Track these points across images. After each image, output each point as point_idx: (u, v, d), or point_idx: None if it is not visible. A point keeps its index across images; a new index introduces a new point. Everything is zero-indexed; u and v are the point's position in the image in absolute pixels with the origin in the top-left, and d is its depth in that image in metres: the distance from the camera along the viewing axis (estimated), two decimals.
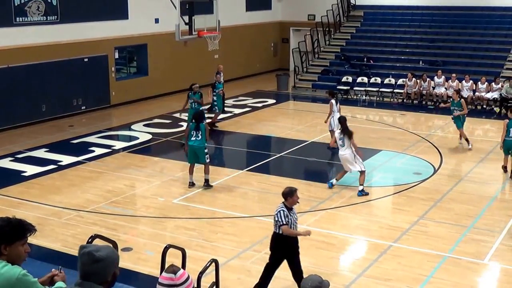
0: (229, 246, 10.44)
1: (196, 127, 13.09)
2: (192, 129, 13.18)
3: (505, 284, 9.43)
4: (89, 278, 3.64)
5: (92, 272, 3.63)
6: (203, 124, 13.16)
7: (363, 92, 24.25)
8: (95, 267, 3.62)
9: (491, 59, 24.10)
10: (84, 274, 3.65)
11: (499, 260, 10.07)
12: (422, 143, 17.37)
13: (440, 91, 22.63)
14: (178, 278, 4.28)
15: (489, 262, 9.96)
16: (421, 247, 10.38)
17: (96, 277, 3.65)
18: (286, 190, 8.49)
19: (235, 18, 27.17)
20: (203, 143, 13.07)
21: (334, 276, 9.27)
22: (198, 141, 13.02)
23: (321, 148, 17.23)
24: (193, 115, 13.90)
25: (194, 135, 13.07)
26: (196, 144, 13.05)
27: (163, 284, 4.27)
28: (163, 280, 4.29)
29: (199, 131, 13.03)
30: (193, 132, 13.09)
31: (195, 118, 13.36)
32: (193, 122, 13.33)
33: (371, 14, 29.12)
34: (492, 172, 14.99)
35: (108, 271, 3.67)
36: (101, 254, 3.64)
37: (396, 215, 12.07)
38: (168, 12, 20.09)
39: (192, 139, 13.09)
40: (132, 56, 24.42)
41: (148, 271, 9.16)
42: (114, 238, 8.19)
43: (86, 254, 3.64)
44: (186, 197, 12.94)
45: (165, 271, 4.36)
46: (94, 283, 3.63)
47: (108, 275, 3.68)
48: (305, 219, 11.65)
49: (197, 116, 13.40)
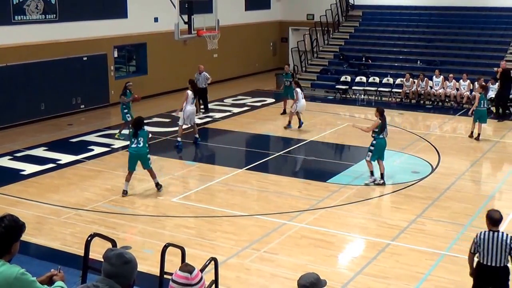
0: (228, 245, 10.48)
1: (134, 134, 12.68)
2: (131, 136, 12.81)
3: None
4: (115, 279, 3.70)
5: (119, 274, 3.70)
6: (144, 131, 12.74)
7: (362, 91, 24.30)
8: (124, 268, 3.70)
9: (488, 59, 24.16)
10: (110, 274, 3.70)
11: None
12: (420, 142, 17.43)
13: (438, 91, 22.70)
14: (193, 278, 4.29)
15: None
16: (419, 245, 10.43)
17: (122, 279, 3.72)
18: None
19: (234, 17, 27.19)
20: (145, 149, 12.74)
21: (332, 274, 9.31)
22: (140, 148, 12.66)
23: (320, 146, 17.30)
24: (132, 122, 13.56)
25: (134, 142, 12.66)
26: (138, 151, 12.66)
27: (178, 282, 4.28)
28: (178, 278, 4.29)
29: (140, 137, 12.64)
30: (133, 139, 12.68)
31: (134, 125, 12.94)
32: (132, 129, 12.92)
33: (369, 14, 29.16)
34: (489, 171, 15.05)
35: (133, 274, 3.77)
36: (129, 255, 3.74)
37: (394, 214, 12.12)
38: (168, 11, 20.17)
39: (133, 146, 12.68)
40: (131, 55, 24.45)
41: (147, 270, 9.19)
42: (113, 236, 8.23)
43: (116, 255, 3.71)
44: (185, 196, 12.99)
45: (180, 270, 4.37)
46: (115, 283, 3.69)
47: (132, 278, 3.75)
48: (304, 218, 11.71)
49: (135, 123, 12.99)
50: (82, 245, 7.43)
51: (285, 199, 12.68)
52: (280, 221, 11.51)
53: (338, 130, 18.94)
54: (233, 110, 21.88)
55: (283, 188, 13.62)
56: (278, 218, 11.62)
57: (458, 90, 22.47)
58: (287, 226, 11.32)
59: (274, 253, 10.19)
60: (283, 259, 9.93)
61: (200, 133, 17.65)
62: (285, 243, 10.54)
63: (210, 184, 13.87)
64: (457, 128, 19.76)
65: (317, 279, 4.62)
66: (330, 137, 18.23)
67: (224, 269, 9.16)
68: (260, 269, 9.60)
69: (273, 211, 12.02)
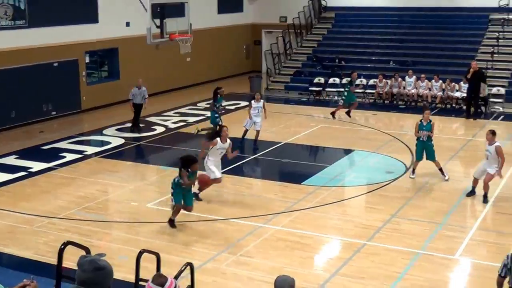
0: (204, 249, 10.41)
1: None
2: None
3: (476, 279, 9.58)
4: (88, 286, 3.65)
5: (93, 281, 3.66)
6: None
7: (335, 93, 24.40)
8: (98, 275, 3.65)
9: (459, 58, 24.44)
10: (83, 282, 3.65)
11: (469, 256, 10.25)
12: (394, 142, 17.54)
13: (411, 91, 22.90)
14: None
15: (460, 258, 10.13)
16: (394, 245, 10.49)
17: (96, 286, 3.67)
18: None
19: (207, 20, 27.13)
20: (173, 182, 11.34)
21: (309, 276, 9.32)
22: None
23: (295, 149, 17.31)
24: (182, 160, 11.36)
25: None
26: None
27: None
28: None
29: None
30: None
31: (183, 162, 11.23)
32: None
33: (342, 15, 29.33)
34: (463, 169, 15.22)
35: (106, 281, 3.72)
36: (103, 262, 3.71)
37: (370, 214, 12.17)
38: (139, 16, 20.01)
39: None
40: (103, 60, 24.22)
41: (123, 277, 9.08)
42: (87, 244, 8.09)
43: (88, 262, 3.68)
44: (160, 201, 12.88)
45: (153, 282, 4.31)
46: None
47: (106, 285, 3.70)
48: (280, 220, 11.70)
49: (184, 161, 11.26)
50: (55, 253, 7.30)
51: (261, 202, 12.66)
52: (256, 224, 11.48)
53: (312, 132, 18.98)
54: (207, 114, 21.76)
55: (258, 191, 13.61)
56: (254, 221, 11.59)
57: (431, 90, 22.69)
58: (263, 229, 11.30)
59: (250, 256, 10.16)
60: (260, 262, 9.90)
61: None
62: (261, 246, 10.52)
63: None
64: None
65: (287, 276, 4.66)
66: (304, 139, 18.25)
67: (201, 274, 9.09)
68: (237, 273, 9.56)
69: (248, 214, 11.98)
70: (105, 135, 18.80)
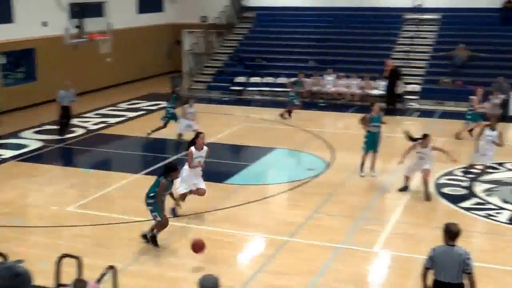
0: (127, 252, 10.31)
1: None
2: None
3: (395, 270, 9.94)
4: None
5: (10, 287, 3.57)
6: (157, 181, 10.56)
7: (257, 92, 24.63)
8: (15, 281, 3.56)
9: (376, 57, 25.18)
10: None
11: (388, 248, 10.62)
12: (315, 140, 17.90)
13: (331, 89, 23.43)
14: None
15: (379, 251, 10.48)
16: (316, 240, 10.73)
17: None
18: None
19: (127, 20, 26.76)
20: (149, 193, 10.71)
21: (233, 274, 9.40)
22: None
23: (217, 148, 17.35)
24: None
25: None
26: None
27: None
28: None
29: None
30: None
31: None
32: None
33: (262, 15, 29.62)
34: (382, 165, 15.69)
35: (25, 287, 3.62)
36: (21, 269, 3.61)
37: (292, 211, 12.40)
38: (57, 16, 19.57)
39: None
40: (19, 61, 23.45)
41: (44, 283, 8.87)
42: (5, 250, 7.92)
43: (5, 268, 3.58)
44: (80, 204, 12.64)
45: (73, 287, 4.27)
46: None
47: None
48: (203, 220, 11.73)
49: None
50: None
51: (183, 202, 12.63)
52: (179, 224, 11.47)
53: (234, 132, 19.10)
54: (129, 114, 21.54)
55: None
56: (177, 221, 11.56)
57: (349, 88, 23.29)
58: (185, 228, 11.30)
59: (174, 256, 10.16)
60: (183, 263, 9.91)
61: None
62: (185, 246, 10.51)
63: (107, 190, 13.60)
64: (349, 125, 20.43)
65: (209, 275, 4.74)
66: (226, 138, 18.35)
67: (125, 276, 9.01)
68: (161, 274, 9.54)
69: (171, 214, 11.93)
70: (22, 138, 18.24)
